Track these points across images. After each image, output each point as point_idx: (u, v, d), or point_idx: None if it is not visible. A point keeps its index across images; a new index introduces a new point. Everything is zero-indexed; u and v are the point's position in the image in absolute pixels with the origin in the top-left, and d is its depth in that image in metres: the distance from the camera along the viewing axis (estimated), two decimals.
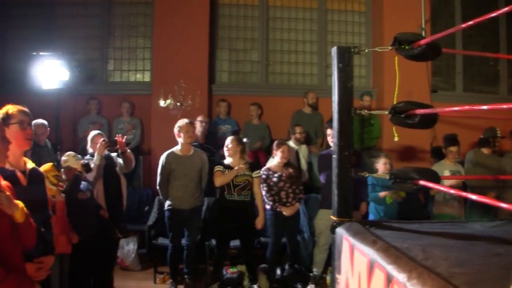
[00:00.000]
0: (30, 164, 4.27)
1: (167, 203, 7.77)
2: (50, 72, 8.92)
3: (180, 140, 7.76)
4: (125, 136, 7.72)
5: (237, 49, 11.56)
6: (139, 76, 11.49)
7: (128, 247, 8.85)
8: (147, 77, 11.36)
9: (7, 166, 3.86)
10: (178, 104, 9.79)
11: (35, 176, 4.24)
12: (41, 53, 9.04)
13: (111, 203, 7.39)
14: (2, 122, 3.65)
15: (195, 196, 7.81)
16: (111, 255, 7.68)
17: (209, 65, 10.89)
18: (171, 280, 7.90)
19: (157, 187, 7.87)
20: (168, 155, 7.76)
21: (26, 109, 4.23)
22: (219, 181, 7.62)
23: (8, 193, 3.40)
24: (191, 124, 7.86)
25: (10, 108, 4.07)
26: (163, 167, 7.74)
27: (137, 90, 11.16)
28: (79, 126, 10.49)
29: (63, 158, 6.51)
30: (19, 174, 4.04)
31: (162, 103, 9.79)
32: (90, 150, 7.51)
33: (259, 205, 7.85)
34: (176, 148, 7.83)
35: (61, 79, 9.06)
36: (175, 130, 7.74)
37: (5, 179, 3.57)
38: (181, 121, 7.79)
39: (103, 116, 10.81)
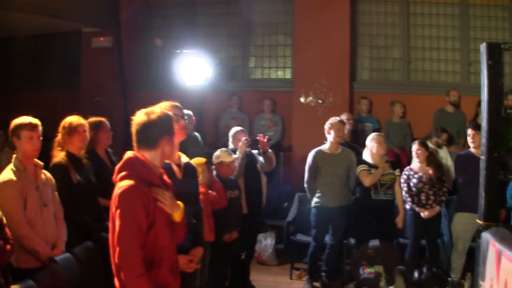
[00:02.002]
0: (184, 158, 4.45)
1: (314, 200, 7.75)
2: (193, 69, 9.14)
3: (329, 137, 7.70)
4: (266, 136, 7.76)
5: (378, 46, 11.36)
6: (280, 73, 11.61)
7: (266, 242, 8.96)
8: (288, 74, 11.45)
9: None
10: (320, 101, 9.80)
11: (189, 170, 4.44)
12: (184, 51, 9.28)
13: (252, 200, 7.45)
14: None
15: (342, 195, 7.72)
16: (250, 249, 7.83)
17: (350, 62, 10.78)
18: (307, 277, 7.90)
19: (305, 184, 7.89)
20: (316, 153, 7.74)
21: (177, 104, 4.41)
22: (368, 181, 7.55)
23: (170, 193, 3.54)
24: (343, 123, 7.81)
25: (163, 105, 4.23)
26: (310, 164, 7.74)
27: (278, 87, 11.29)
28: (221, 121, 10.75)
29: (216, 153, 6.68)
30: (174, 167, 4.23)
31: (303, 100, 9.82)
32: (231, 146, 7.56)
33: (399, 204, 7.76)
34: (324, 146, 7.78)
35: (204, 76, 9.26)
36: (326, 127, 7.69)
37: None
38: (333, 118, 7.72)
39: (244, 112, 11.02)
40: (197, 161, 5.35)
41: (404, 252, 7.88)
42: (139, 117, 3.56)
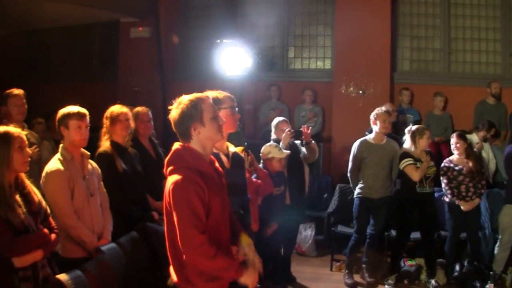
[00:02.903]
0: (232, 148, 4.41)
1: (357, 191, 7.67)
2: (233, 59, 9.10)
3: (375, 128, 7.62)
4: (310, 128, 7.68)
5: (419, 37, 11.21)
6: (319, 64, 11.54)
7: (306, 233, 8.91)
8: (327, 65, 11.38)
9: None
10: (360, 92, 9.71)
11: (237, 160, 4.40)
12: (224, 41, 9.24)
13: (294, 191, 7.39)
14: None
15: (385, 186, 7.62)
16: (291, 240, 7.80)
17: (391, 52, 10.65)
18: (347, 270, 7.83)
19: (348, 174, 7.82)
20: (360, 143, 7.66)
21: (232, 95, 4.37)
22: (417, 175, 7.38)
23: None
24: (389, 113, 7.70)
25: (220, 93, 4.20)
26: (355, 154, 7.67)
27: (318, 77, 11.23)
28: (260, 111, 10.74)
29: (266, 148, 6.65)
30: (223, 157, 4.20)
31: (343, 90, 9.74)
32: (274, 136, 7.52)
33: None
34: (369, 136, 7.71)
35: (244, 66, 9.22)
36: (371, 117, 7.60)
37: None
38: (378, 109, 7.62)
39: (283, 102, 10.99)
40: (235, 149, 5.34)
41: (444, 244, 7.81)
42: (171, 114, 3.55)
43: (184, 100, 3.52)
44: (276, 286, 7.28)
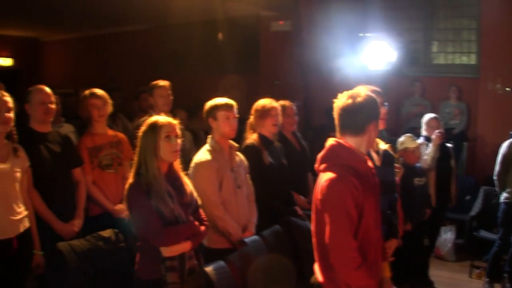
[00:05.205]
0: (382, 145, 4.31)
1: (504, 195, 7.25)
2: (376, 53, 8.98)
3: None
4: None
5: None
6: (464, 59, 11.11)
7: (446, 236, 8.62)
8: (472, 60, 10.91)
9: None
10: (507, 88, 9.30)
11: (387, 158, 4.33)
12: (367, 34, 9.13)
13: (441, 193, 7.25)
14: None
15: None
16: (431, 242, 7.65)
17: None
18: (487, 278, 7.46)
19: (494, 177, 7.42)
20: (510, 144, 7.25)
21: (378, 89, 4.25)
22: None
23: None
24: None
25: (373, 89, 4.09)
26: (504, 155, 7.26)
27: (462, 73, 10.77)
28: (403, 107, 10.54)
29: (400, 140, 6.55)
30: (373, 154, 4.13)
31: (490, 87, 9.37)
32: (424, 133, 7.37)
33: None
34: None
35: (387, 60, 9.08)
36: None
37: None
38: None
39: (426, 98, 10.72)
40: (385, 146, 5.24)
41: None
42: (343, 100, 3.38)
43: (365, 92, 3.42)
44: None
